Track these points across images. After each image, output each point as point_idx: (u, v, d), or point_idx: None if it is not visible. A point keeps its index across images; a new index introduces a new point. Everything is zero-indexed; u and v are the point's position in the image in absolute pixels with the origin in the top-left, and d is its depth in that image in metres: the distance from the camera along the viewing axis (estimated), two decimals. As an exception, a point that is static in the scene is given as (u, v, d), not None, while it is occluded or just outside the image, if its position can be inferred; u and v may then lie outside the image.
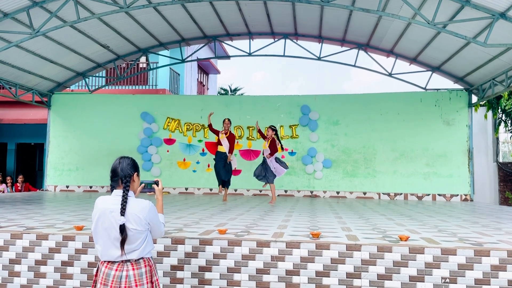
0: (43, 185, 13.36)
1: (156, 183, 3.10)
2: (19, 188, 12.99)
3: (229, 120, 9.36)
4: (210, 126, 9.36)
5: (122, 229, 2.71)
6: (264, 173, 8.92)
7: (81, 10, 8.90)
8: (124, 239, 2.72)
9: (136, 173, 2.90)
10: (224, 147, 9.15)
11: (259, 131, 9.60)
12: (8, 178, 13.03)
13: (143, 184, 3.04)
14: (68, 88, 13.81)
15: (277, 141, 8.94)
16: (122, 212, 2.72)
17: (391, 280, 3.82)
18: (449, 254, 3.80)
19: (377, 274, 3.84)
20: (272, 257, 3.98)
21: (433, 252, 3.81)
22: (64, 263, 4.21)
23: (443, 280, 3.75)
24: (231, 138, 9.24)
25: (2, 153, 17.12)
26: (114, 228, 2.73)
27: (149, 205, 2.83)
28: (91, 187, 12.65)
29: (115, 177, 2.85)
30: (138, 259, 2.80)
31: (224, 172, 9.19)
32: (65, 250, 4.24)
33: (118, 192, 2.82)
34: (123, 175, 2.82)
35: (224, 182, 9.37)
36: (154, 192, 3.09)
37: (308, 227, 5.05)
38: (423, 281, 3.77)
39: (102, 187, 12.55)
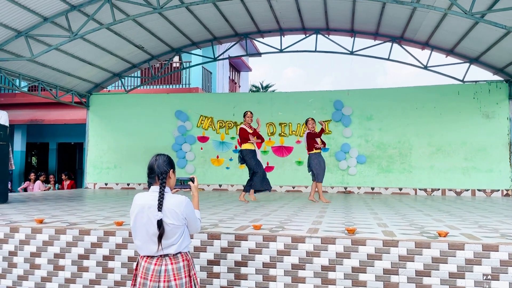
0: (83, 183, 13.83)
1: (192, 180, 3.16)
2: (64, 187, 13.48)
3: (251, 113, 8.47)
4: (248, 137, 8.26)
5: (160, 224, 2.78)
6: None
7: (117, 12, 9.15)
8: (162, 234, 2.79)
9: (172, 169, 2.97)
10: (254, 144, 8.29)
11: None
12: (51, 176, 13.56)
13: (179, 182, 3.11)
14: (105, 89, 14.22)
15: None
16: (160, 207, 2.79)
17: (430, 276, 3.74)
18: (491, 250, 3.68)
19: (415, 271, 3.77)
20: (307, 252, 3.98)
21: (474, 248, 3.71)
22: (105, 258, 4.36)
23: (484, 277, 3.64)
24: (255, 134, 8.37)
25: (44, 153, 17.87)
26: (152, 224, 2.80)
27: (185, 200, 2.90)
28: (128, 184, 13.01)
29: (151, 174, 2.93)
30: (176, 254, 2.86)
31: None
32: (106, 245, 4.39)
33: (155, 189, 2.89)
34: (159, 172, 2.89)
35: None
36: (190, 189, 3.15)
37: (343, 223, 5.01)
38: (464, 278, 3.68)
39: (139, 184, 12.88)
